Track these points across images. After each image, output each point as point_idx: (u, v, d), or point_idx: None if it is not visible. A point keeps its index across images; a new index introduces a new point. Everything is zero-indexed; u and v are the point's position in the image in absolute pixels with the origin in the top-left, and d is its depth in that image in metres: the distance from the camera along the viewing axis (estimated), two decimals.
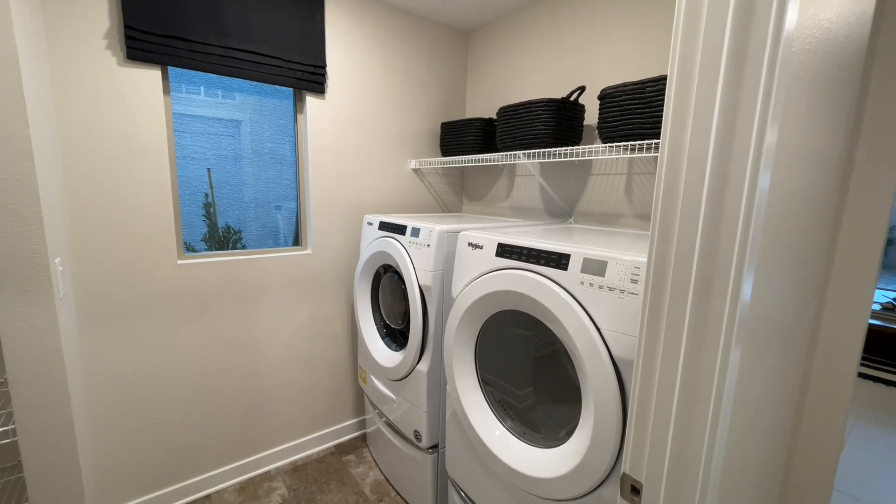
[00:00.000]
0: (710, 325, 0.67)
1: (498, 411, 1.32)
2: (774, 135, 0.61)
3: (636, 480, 0.74)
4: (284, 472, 2.05)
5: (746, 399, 0.78)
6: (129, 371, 1.64)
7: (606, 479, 0.96)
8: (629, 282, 0.90)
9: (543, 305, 1.05)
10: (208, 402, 1.85)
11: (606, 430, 0.92)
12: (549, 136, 1.62)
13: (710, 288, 0.66)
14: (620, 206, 1.73)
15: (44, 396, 1.15)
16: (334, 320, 2.18)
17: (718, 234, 0.64)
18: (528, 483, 1.11)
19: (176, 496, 1.82)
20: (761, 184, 0.61)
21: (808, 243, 1.03)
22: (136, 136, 1.54)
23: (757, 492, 1.07)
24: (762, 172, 0.61)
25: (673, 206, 0.67)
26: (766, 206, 0.64)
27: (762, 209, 0.63)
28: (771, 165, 0.62)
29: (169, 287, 1.68)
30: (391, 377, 1.78)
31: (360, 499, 1.89)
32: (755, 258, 0.64)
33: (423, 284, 1.57)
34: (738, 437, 0.81)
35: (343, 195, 2.12)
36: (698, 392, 0.69)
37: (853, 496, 2.01)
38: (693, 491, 0.70)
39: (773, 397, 1.00)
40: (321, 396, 2.20)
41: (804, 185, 0.90)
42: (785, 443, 1.27)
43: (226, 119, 1.96)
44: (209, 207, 1.98)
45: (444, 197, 2.51)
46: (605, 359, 0.92)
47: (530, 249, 1.13)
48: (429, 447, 1.67)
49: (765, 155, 0.61)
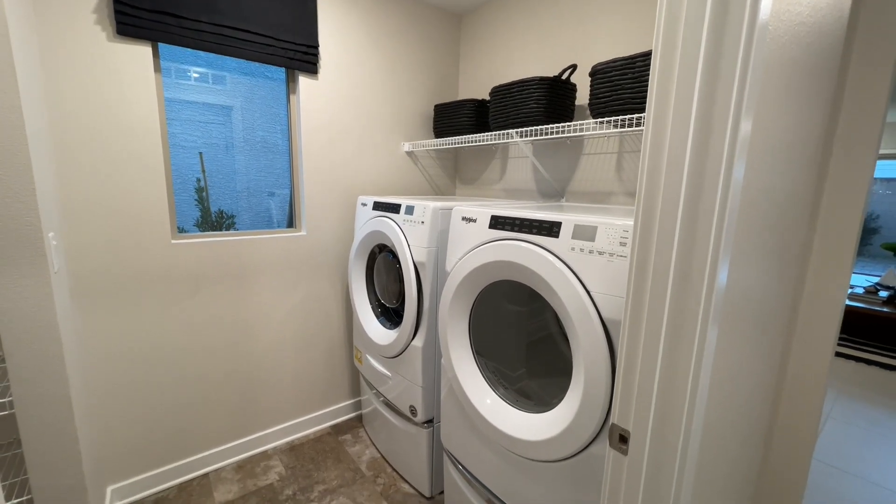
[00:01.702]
0: (693, 281, 0.70)
1: (491, 381, 1.35)
2: (750, 120, 0.64)
3: (624, 429, 0.77)
4: (281, 452, 2.08)
5: (726, 353, 0.81)
6: (124, 349, 1.65)
7: (596, 437, 0.99)
8: (618, 245, 0.92)
9: (536, 273, 1.07)
10: (204, 382, 1.86)
11: (596, 389, 0.95)
12: (542, 114, 1.64)
13: (693, 245, 0.68)
14: (611, 184, 1.76)
15: (40, 370, 1.15)
16: (329, 301, 2.19)
17: (699, 195, 0.66)
18: (522, 447, 1.14)
19: (175, 474, 1.83)
20: (742, 134, 0.63)
21: (787, 227, 1.07)
22: (128, 113, 1.53)
23: (742, 450, 1.12)
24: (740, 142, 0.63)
25: (657, 172, 0.70)
26: (742, 185, 0.67)
27: (739, 186, 0.65)
28: (747, 147, 0.65)
29: (163, 266, 1.68)
30: (386, 354, 1.80)
31: (357, 475, 1.92)
32: (734, 219, 0.67)
33: (417, 261, 1.59)
34: (720, 393, 0.84)
35: (337, 177, 2.12)
36: (682, 344, 0.71)
37: (834, 466, 2.09)
38: (676, 438, 0.74)
39: (754, 361, 1.04)
40: (317, 377, 2.22)
41: (783, 171, 0.94)
42: (768, 408, 1.32)
43: (217, 105, 1.94)
44: (201, 192, 1.97)
45: (437, 180, 2.52)
46: (595, 320, 0.95)
47: (522, 220, 1.15)
48: (424, 422, 1.70)
49: (741, 136, 0.64)
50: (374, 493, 1.82)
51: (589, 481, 1.02)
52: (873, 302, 3.61)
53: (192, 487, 1.83)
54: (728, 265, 0.70)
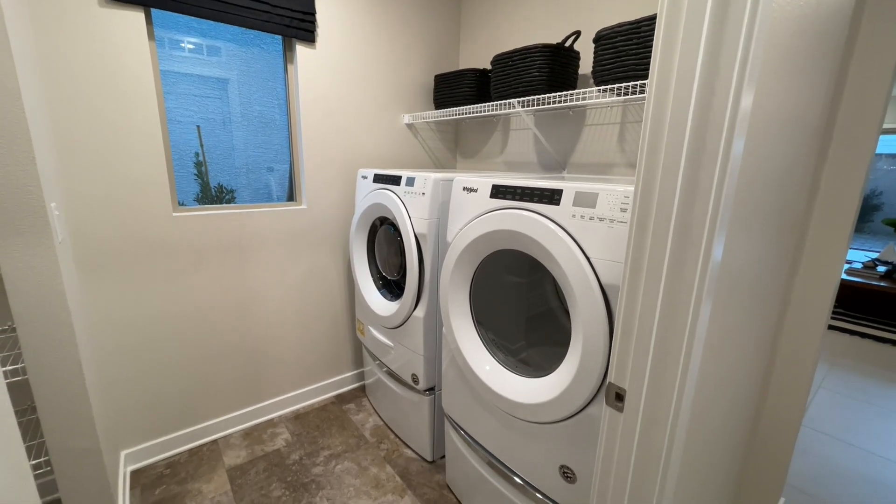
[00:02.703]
0: (692, 240, 0.71)
1: (491, 349, 1.38)
2: (752, 94, 0.64)
3: (620, 388, 0.79)
4: (287, 420, 2.14)
5: (721, 317, 0.83)
6: (130, 320, 1.68)
7: (593, 399, 1.02)
8: (619, 211, 0.93)
9: (536, 241, 1.08)
10: (210, 353, 1.90)
11: (594, 352, 0.98)
12: (544, 83, 1.61)
13: (692, 206, 0.69)
14: (613, 156, 1.75)
15: (50, 337, 1.18)
16: (331, 274, 2.21)
17: (698, 168, 0.66)
18: (522, 410, 1.18)
19: (185, 440, 1.90)
20: (743, 109, 0.63)
21: (787, 200, 1.07)
22: (123, 82, 1.50)
23: (733, 409, 1.15)
24: (746, 88, 0.62)
25: (659, 134, 0.69)
26: (742, 159, 0.67)
27: (738, 161, 0.65)
28: (747, 123, 0.64)
29: (165, 239, 1.69)
30: (388, 325, 1.84)
31: (361, 441, 1.99)
32: (732, 193, 0.67)
33: (418, 233, 1.60)
34: (713, 355, 0.87)
35: (336, 150, 2.10)
36: (678, 306, 0.73)
37: (824, 433, 2.16)
38: (670, 396, 0.76)
39: (749, 327, 1.06)
40: (320, 348, 2.26)
41: (785, 145, 0.94)
42: (761, 372, 1.36)
43: (212, 78, 1.91)
44: (200, 167, 1.96)
45: (437, 154, 2.50)
46: (595, 286, 0.97)
47: (524, 188, 1.15)
48: (426, 389, 1.74)
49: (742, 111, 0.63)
50: (378, 457, 1.88)
51: (586, 441, 1.06)
52: (871, 277, 3.64)
53: (202, 453, 1.89)
54: (726, 232, 0.71)
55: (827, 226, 1.28)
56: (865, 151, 1.20)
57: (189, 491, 1.67)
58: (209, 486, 1.70)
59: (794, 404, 1.40)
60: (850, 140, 1.22)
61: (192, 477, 1.75)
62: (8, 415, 0.72)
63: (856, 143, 1.21)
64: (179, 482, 1.72)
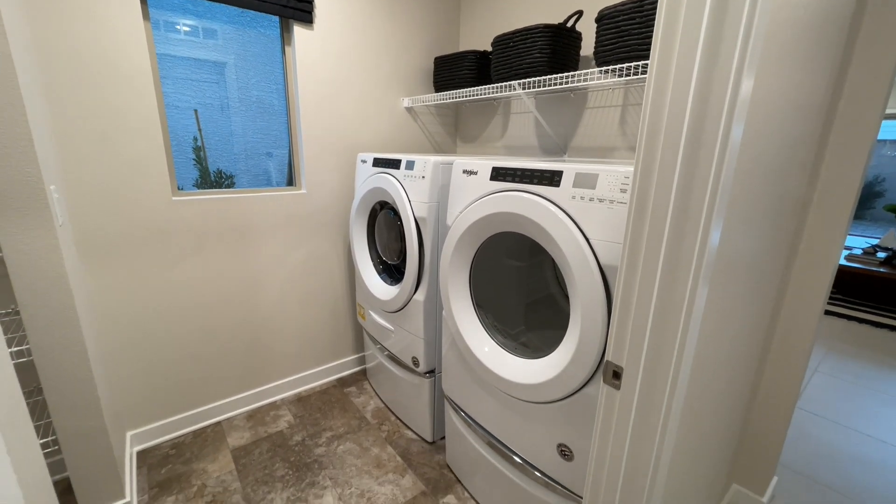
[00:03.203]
0: (690, 220, 0.71)
1: (491, 331, 1.39)
2: (752, 79, 0.63)
3: (618, 365, 0.80)
4: (289, 402, 2.17)
5: (717, 298, 0.83)
6: (131, 305, 1.69)
7: (591, 379, 1.04)
8: (619, 191, 0.93)
9: (536, 223, 1.08)
10: (212, 336, 1.92)
11: (592, 332, 0.99)
12: (545, 64, 1.59)
13: (691, 188, 0.69)
14: (614, 139, 1.73)
15: (54, 318, 1.19)
16: (331, 259, 2.22)
17: (698, 145, 0.66)
18: (521, 390, 1.19)
19: (189, 422, 1.93)
20: (742, 94, 0.62)
21: (787, 185, 1.06)
22: (119, 63, 1.49)
23: (730, 386, 1.17)
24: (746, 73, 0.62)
25: (659, 116, 0.69)
26: (741, 145, 0.66)
27: (736, 148, 0.65)
28: (746, 109, 0.63)
29: (165, 223, 1.69)
30: (389, 309, 1.85)
31: (363, 423, 2.02)
32: (731, 170, 0.67)
33: (418, 216, 1.60)
34: (710, 335, 0.87)
35: (335, 134, 2.09)
36: (676, 285, 0.73)
37: (819, 415, 2.19)
38: (667, 374, 0.77)
39: (746, 308, 1.06)
40: (321, 333, 2.28)
41: (786, 129, 0.93)
42: (757, 354, 1.37)
43: (209, 62, 1.88)
44: (199, 151, 1.94)
45: (437, 138, 2.48)
46: (594, 267, 0.97)
47: (524, 170, 1.15)
48: (426, 372, 1.76)
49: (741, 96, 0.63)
50: (379, 438, 1.92)
51: (583, 420, 1.08)
52: (870, 262, 3.64)
53: (206, 434, 1.93)
54: (724, 214, 0.71)
55: (826, 211, 1.28)
56: (867, 136, 1.20)
57: (195, 470, 1.71)
58: (214, 465, 1.74)
59: (789, 386, 1.42)
60: (852, 124, 1.21)
61: (197, 457, 1.78)
62: (15, 391, 0.73)
63: (858, 127, 1.21)
64: (185, 462, 1.75)
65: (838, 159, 1.24)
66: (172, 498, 1.57)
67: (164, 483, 1.64)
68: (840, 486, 1.70)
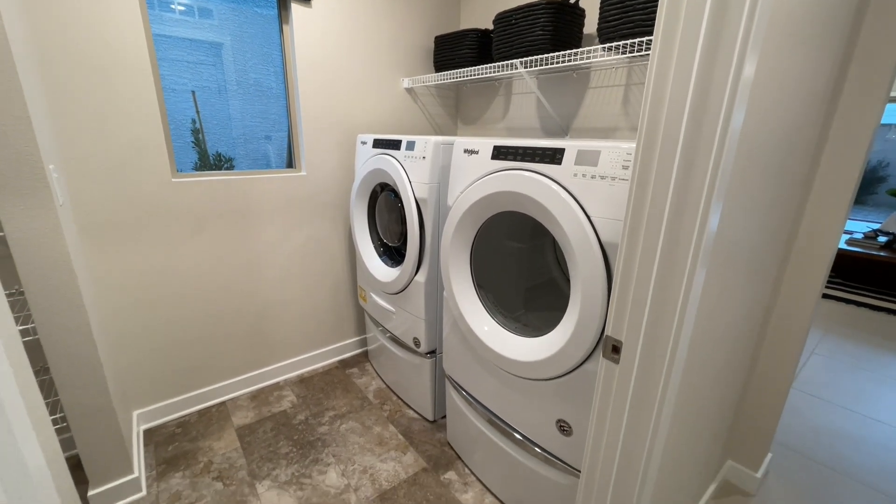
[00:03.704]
0: (689, 202, 0.71)
1: (491, 310, 1.40)
2: (754, 62, 0.61)
3: (617, 340, 0.81)
4: (292, 383, 2.20)
5: (716, 268, 0.84)
6: (133, 287, 1.70)
7: (590, 356, 1.05)
8: (620, 168, 0.92)
9: (537, 201, 1.08)
10: (215, 318, 1.94)
11: (592, 309, 0.99)
12: (548, 42, 1.56)
13: (692, 165, 0.68)
14: (617, 119, 1.72)
15: (58, 298, 1.20)
16: (332, 242, 2.22)
17: (701, 122, 0.65)
18: (521, 368, 1.21)
19: (194, 401, 1.96)
20: (745, 78, 0.61)
21: (788, 167, 1.06)
22: (114, 42, 1.46)
23: (727, 363, 1.18)
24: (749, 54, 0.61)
25: (662, 95, 0.68)
26: (742, 129, 0.65)
27: (736, 133, 0.64)
28: (748, 93, 0.63)
29: (165, 204, 1.69)
30: (390, 291, 1.86)
31: (365, 403, 2.05)
32: (733, 149, 0.66)
33: (419, 198, 1.59)
34: (708, 312, 0.88)
35: (335, 115, 2.06)
36: (676, 260, 0.74)
37: (815, 395, 2.22)
38: (665, 348, 0.78)
39: (744, 287, 1.07)
40: (323, 315, 2.30)
41: (788, 113, 0.92)
42: (755, 333, 1.38)
43: (205, 42, 1.85)
44: (198, 134, 1.93)
45: (438, 119, 2.45)
46: (595, 244, 0.97)
47: (525, 148, 1.14)
48: (427, 352, 1.78)
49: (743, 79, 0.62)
50: (381, 417, 1.95)
51: (582, 395, 1.09)
52: (871, 247, 3.64)
53: (211, 413, 1.96)
54: (725, 192, 0.71)
55: (828, 193, 1.28)
56: (870, 119, 1.18)
57: (201, 448, 1.74)
58: (220, 443, 1.77)
59: (786, 365, 1.43)
60: (856, 107, 1.20)
61: (202, 435, 1.82)
62: (25, 367, 0.74)
63: (861, 110, 1.19)
64: (191, 440, 1.79)
65: (841, 142, 1.23)
66: (180, 474, 1.61)
67: (171, 460, 1.68)
68: (833, 463, 1.74)
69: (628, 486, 0.88)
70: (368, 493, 1.54)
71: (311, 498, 1.52)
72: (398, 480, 1.60)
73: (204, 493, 1.53)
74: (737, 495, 1.57)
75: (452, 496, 1.53)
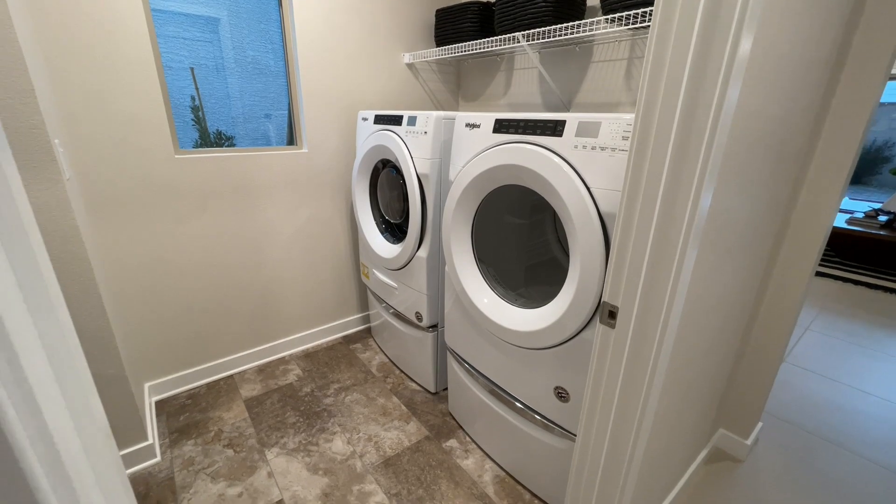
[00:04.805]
0: (685, 171, 0.72)
1: (492, 283, 1.43)
2: (750, 38, 0.62)
3: (613, 305, 0.84)
4: (298, 358, 2.26)
5: (711, 236, 0.86)
6: (138, 262, 1.72)
7: (588, 324, 1.08)
8: (620, 139, 0.93)
9: (538, 174, 1.09)
10: (220, 294, 1.97)
11: (591, 278, 1.02)
12: (550, 14, 1.55)
13: (689, 135, 0.69)
14: (619, 94, 1.71)
15: (68, 270, 1.23)
16: (334, 219, 2.24)
17: (698, 92, 0.66)
18: (521, 338, 1.24)
19: (203, 374, 2.02)
20: (741, 54, 0.62)
21: (785, 145, 1.06)
22: (111, 15, 1.45)
23: (721, 332, 1.22)
24: None
25: (661, 65, 0.68)
26: (738, 105, 0.66)
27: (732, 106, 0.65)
28: (744, 69, 0.63)
29: (168, 181, 1.70)
30: (392, 267, 1.89)
31: (368, 376, 2.11)
32: (728, 121, 0.67)
33: (420, 173, 1.60)
34: (702, 278, 0.90)
35: (335, 91, 2.05)
36: (671, 228, 0.76)
37: (807, 369, 2.27)
38: (659, 313, 0.81)
39: (739, 257, 1.09)
40: (326, 292, 2.34)
41: (788, 89, 0.92)
42: (750, 303, 1.41)
43: (201, 17, 1.82)
44: (197, 111, 1.92)
45: (439, 96, 2.44)
46: (594, 215, 0.99)
47: (527, 121, 1.15)
48: (429, 326, 1.83)
49: (739, 56, 0.62)
50: (385, 390, 2.01)
51: (579, 363, 1.13)
52: (871, 226, 3.65)
53: (219, 386, 2.02)
54: (721, 161, 0.72)
55: (826, 168, 1.29)
56: (871, 93, 1.18)
57: (211, 418, 1.80)
58: (229, 413, 1.83)
59: (778, 336, 1.47)
60: (858, 80, 1.20)
61: (212, 406, 1.88)
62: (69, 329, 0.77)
63: (863, 83, 1.19)
64: (201, 410, 1.85)
65: (841, 116, 1.24)
66: (192, 441, 1.67)
67: (183, 429, 1.74)
68: (822, 432, 1.80)
69: (621, 446, 0.93)
70: (373, 459, 1.61)
71: (318, 463, 1.58)
72: (401, 448, 1.66)
73: (216, 458, 1.59)
74: (727, 461, 1.63)
75: (454, 462, 1.59)
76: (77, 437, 0.41)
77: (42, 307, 0.41)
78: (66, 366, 0.46)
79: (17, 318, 0.35)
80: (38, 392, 0.35)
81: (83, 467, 0.41)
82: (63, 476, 0.37)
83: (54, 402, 0.38)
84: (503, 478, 1.53)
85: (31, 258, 0.43)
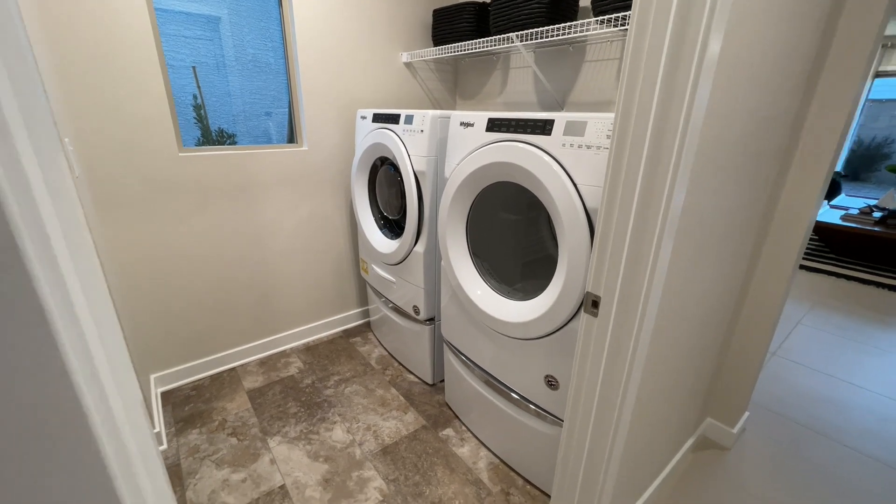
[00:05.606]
0: (660, 167, 0.77)
1: (486, 277, 1.48)
2: (719, 39, 0.66)
3: (596, 295, 0.89)
4: (298, 351, 2.31)
5: (688, 231, 0.90)
6: (143, 258, 1.78)
7: (575, 315, 1.13)
8: (605, 137, 0.98)
9: (528, 171, 1.14)
10: (222, 289, 2.03)
11: (577, 272, 1.07)
12: (544, 15, 1.59)
13: (664, 133, 0.74)
14: (611, 93, 1.75)
15: None
16: (333, 215, 2.29)
17: (672, 95, 0.70)
18: (513, 329, 1.29)
19: (206, 367, 2.07)
20: (710, 54, 0.66)
21: (764, 144, 1.11)
22: (117, 14, 1.49)
23: (705, 324, 1.26)
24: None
25: (637, 67, 0.73)
26: (709, 106, 0.71)
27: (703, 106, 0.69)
28: (714, 69, 0.68)
29: (173, 178, 1.75)
30: (390, 262, 1.94)
31: (368, 369, 2.17)
32: (700, 119, 0.72)
33: (417, 170, 1.65)
34: (679, 270, 0.95)
35: (335, 89, 2.10)
36: (649, 220, 0.80)
37: (796, 362, 2.32)
38: (637, 302, 0.86)
39: (720, 248, 1.13)
40: (326, 287, 2.39)
41: (766, 88, 0.97)
42: (734, 297, 1.46)
43: (203, 16, 1.87)
44: (199, 110, 1.97)
45: (436, 94, 2.48)
46: (580, 211, 1.04)
47: (518, 120, 1.19)
48: (426, 319, 1.88)
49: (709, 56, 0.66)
50: (384, 381, 2.06)
51: (568, 352, 1.18)
52: (865, 222, 3.69)
53: (223, 378, 2.08)
54: (693, 157, 0.77)
55: (807, 163, 1.33)
56: (850, 91, 1.22)
57: (215, 408, 1.86)
58: (232, 404, 1.89)
59: (763, 329, 1.52)
60: (837, 79, 1.23)
61: (216, 397, 1.93)
62: None
63: (842, 81, 1.23)
64: (205, 401, 1.91)
65: (820, 116, 1.28)
66: (196, 430, 1.73)
67: (188, 418, 1.80)
68: (809, 423, 1.85)
69: (604, 428, 0.98)
70: (372, 447, 1.66)
71: (319, 451, 1.64)
72: (399, 436, 1.72)
73: (220, 446, 1.65)
74: (713, 449, 1.69)
75: (450, 450, 1.65)
76: (123, 410, 0.46)
77: (98, 301, 0.47)
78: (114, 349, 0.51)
79: (84, 313, 0.40)
80: (102, 375, 0.41)
81: (128, 436, 0.47)
82: (120, 444, 0.43)
83: (110, 386, 0.44)
84: (497, 464, 1.58)
85: (90, 258, 0.49)
